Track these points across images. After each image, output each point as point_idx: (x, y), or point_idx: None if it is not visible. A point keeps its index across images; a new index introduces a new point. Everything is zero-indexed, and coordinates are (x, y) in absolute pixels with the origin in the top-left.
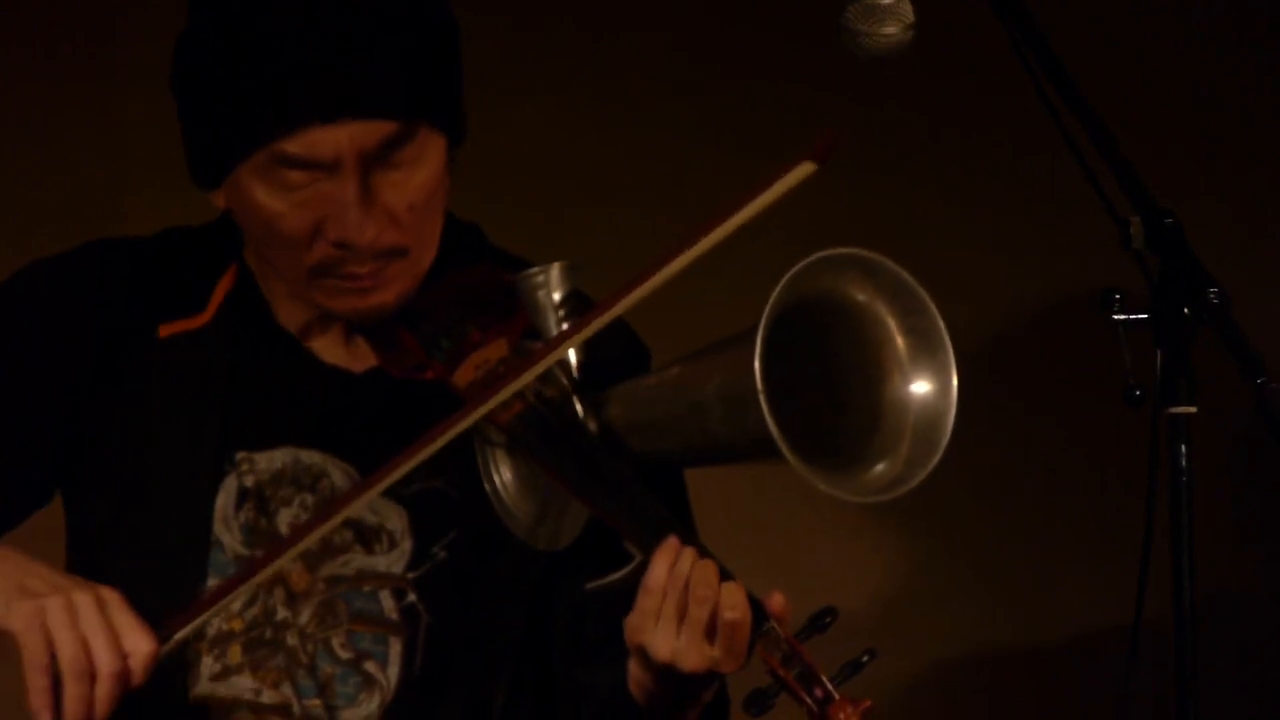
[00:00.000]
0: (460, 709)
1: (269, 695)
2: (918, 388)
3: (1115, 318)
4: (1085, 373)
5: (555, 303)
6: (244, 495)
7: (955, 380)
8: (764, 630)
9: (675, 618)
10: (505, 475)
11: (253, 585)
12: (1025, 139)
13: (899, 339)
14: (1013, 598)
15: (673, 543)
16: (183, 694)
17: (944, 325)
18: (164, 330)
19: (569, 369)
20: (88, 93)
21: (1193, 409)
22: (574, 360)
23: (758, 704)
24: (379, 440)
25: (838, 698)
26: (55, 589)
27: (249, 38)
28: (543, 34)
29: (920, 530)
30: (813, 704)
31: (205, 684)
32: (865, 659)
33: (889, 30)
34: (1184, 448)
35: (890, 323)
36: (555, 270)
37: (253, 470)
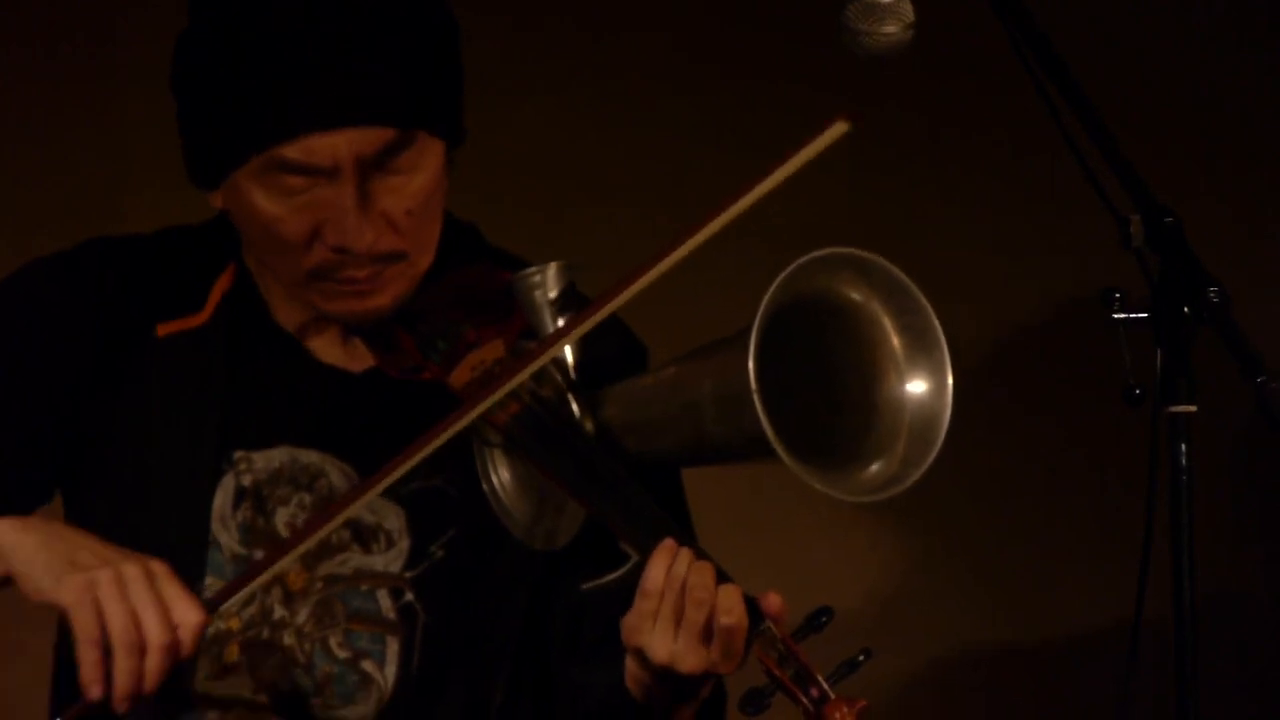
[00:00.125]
0: (458, 708)
1: (266, 694)
2: (913, 387)
3: (1115, 317)
4: (1085, 372)
5: (551, 301)
6: (241, 494)
7: (951, 379)
8: (760, 630)
9: (672, 620)
10: (503, 475)
11: (298, 554)
12: (1025, 139)
13: (894, 338)
14: (1012, 597)
15: (669, 545)
16: (180, 693)
17: (939, 324)
18: (162, 329)
19: (566, 368)
20: (88, 93)
21: (1193, 408)
22: (571, 359)
23: (754, 703)
24: (377, 440)
25: (833, 697)
26: (104, 562)
27: (249, 39)
28: (543, 34)
29: (917, 529)
30: (809, 703)
31: (203, 683)
32: (861, 658)
33: (889, 29)
34: (1184, 447)
35: (885, 322)
36: (552, 270)
37: (250, 470)
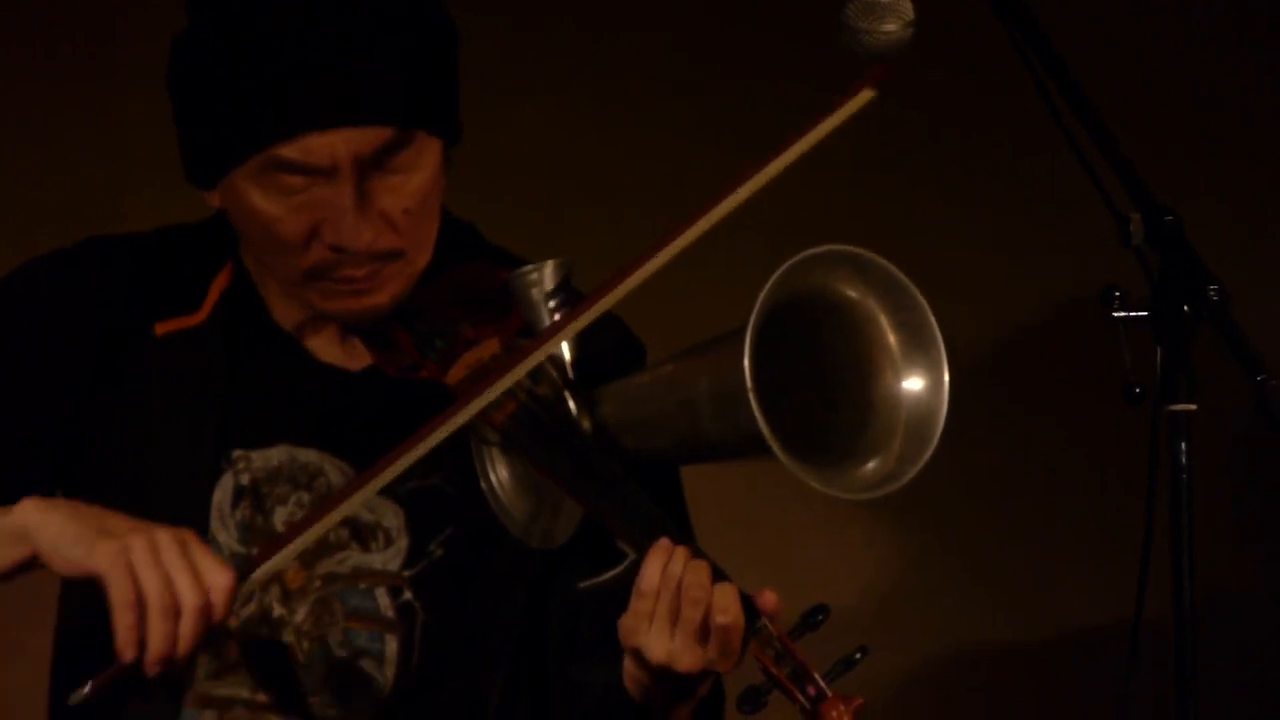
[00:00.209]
0: (456, 706)
1: (265, 693)
2: (910, 384)
3: (1115, 315)
4: (1085, 371)
5: (548, 299)
6: (240, 493)
7: (947, 376)
8: (756, 628)
9: (669, 619)
10: (501, 474)
11: (329, 524)
12: (1025, 139)
13: (890, 335)
14: (1011, 596)
15: (665, 544)
16: (179, 692)
17: (935, 322)
18: (160, 328)
19: (563, 366)
20: (88, 93)
21: (1193, 406)
22: (568, 357)
23: (750, 702)
24: (376, 439)
25: (830, 695)
26: (135, 529)
27: (247, 39)
28: (543, 34)
29: (914, 527)
30: (805, 701)
31: (202, 682)
32: (858, 656)
33: (889, 27)
34: (1184, 445)
35: (882, 319)
36: (549, 267)
37: (249, 468)
